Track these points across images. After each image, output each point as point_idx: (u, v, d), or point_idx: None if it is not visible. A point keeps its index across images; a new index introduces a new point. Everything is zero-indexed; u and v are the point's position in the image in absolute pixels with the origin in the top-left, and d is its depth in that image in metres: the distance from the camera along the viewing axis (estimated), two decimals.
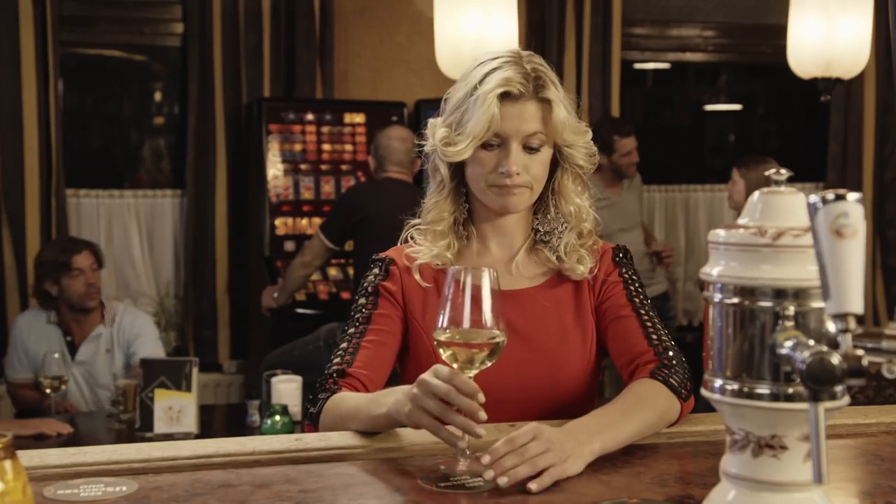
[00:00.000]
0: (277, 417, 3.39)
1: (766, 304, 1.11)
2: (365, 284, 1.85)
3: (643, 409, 1.63)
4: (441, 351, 1.47)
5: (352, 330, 1.80)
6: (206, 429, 3.62)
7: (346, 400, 1.68)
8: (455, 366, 1.47)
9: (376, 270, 1.85)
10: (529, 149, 1.77)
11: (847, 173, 5.98)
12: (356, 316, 1.82)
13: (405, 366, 1.84)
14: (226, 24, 4.99)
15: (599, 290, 1.83)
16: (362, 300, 1.83)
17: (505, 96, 1.74)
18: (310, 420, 1.72)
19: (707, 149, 6.53)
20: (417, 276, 1.82)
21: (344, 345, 1.79)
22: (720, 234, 1.18)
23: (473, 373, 1.46)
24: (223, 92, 5.03)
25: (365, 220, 4.10)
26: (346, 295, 4.77)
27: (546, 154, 1.79)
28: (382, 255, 1.87)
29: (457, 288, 1.46)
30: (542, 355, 1.78)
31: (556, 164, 1.83)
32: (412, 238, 1.86)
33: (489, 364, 1.47)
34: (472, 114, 1.74)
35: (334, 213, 4.35)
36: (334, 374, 1.74)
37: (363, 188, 4.58)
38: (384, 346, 1.79)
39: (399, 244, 1.89)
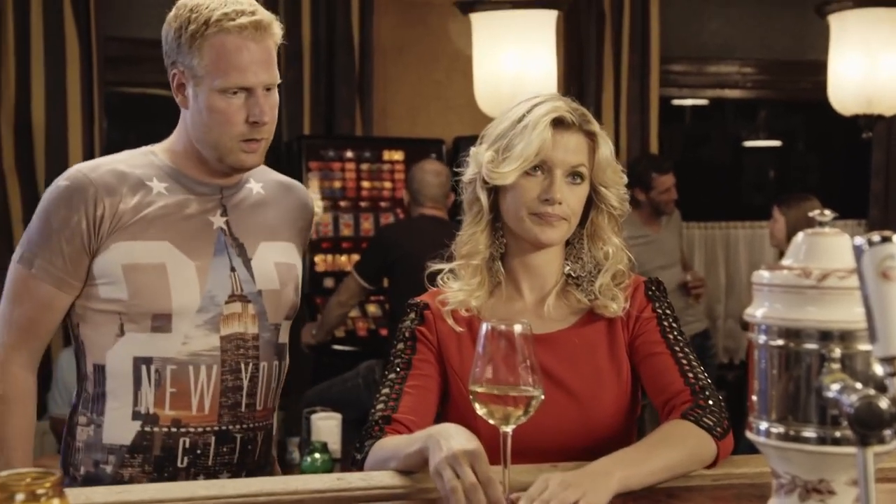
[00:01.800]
0: (317, 455, 3.40)
1: (812, 346, 1.11)
2: (402, 329, 1.84)
3: (669, 447, 1.62)
4: (476, 406, 1.48)
5: (392, 375, 1.79)
6: None
7: (388, 442, 1.68)
8: (491, 422, 1.47)
9: (412, 315, 1.84)
10: (572, 181, 1.77)
11: (889, 210, 5.92)
12: (396, 361, 1.81)
13: (446, 410, 1.83)
14: None
15: (633, 327, 1.81)
16: (400, 345, 1.83)
17: (556, 123, 1.75)
18: (355, 466, 1.72)
19: (746, 185, 6.50)
20: (451, 321, 1.81)
21: (386, 390, 1.78)
22: (764, 275, 1.17)
23: (510, 428, 1.47)
24: None
25: (399, 258, 4.10)
26: (384, 331, 4.77)
27: (584, 190, 1.80)
28: (417, 299, 1.86)
29: (490, 343, 1.47)
30: (577, 399, 1.76)
31: (589, 206, 1.83)
32: (445, 280, 1.86)
33: (525, 420, 1.48)
34: (522, 138, 1.74)
35: (369, 253, 4.36)
36: (379, 421, 1.74)
37: (397, 227, 4.60)
38: (427, 390, 1.78)
39: (431, 286, 1.87)
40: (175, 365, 1.81)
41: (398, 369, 1.79)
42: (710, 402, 1.70)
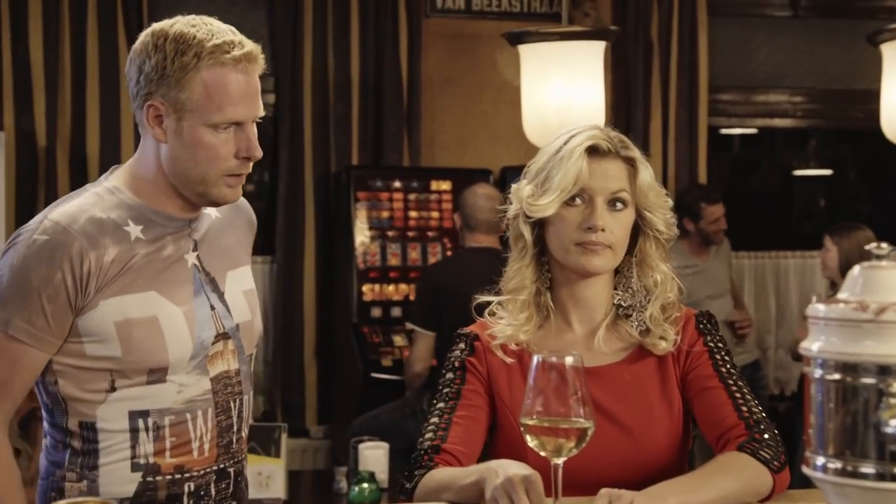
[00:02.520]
0: (365, 485, 3.40)
1: (870, 380, 1.09)
2: (452, 359, 1.84)
3: (725, 477, 1.61)
4: (528, 438, 1.48)
5: (441, 405, 1.79)
6: (294, 495, 3.64)
7: (439, 473, 1.68)
8: (543, 454, 1.47)
9: (462, 345, 1.84)
10: (614, 208, 1.77)
11: None
12: (445, 391, 1.81)
13: (494, 441, 1.83)
14: (316, 94, 5.11)
15: (684, 362, 1.79)
16: (450, 375, 1.82)
17: (592, 151, 1.76)
18: (404, 496, 1.72)
19: (796, 214, 6.44)
20: (500, 354, 1.81)
21: (435, 419, 1.78)
22: (820, 308, 1.16)
23: (561, 461, 1.47)
24: (313, 160, 5.14)
25: (447, 295, 4.07)
26: (433, 361, 4.77)
27: (629, 216, 1.79)
28: (467, 330, 1.86)
29: (542, 376, 1.47)
30: (628, 433, 1.75)
31: (636, 232, 1.82)
32: (493, 313, 1.85)
33: (576, 452, 1.47)
34: (559, 169, 1.75)
35: (418, 298, 4.32)
36: (429, 450, 1.73)
37: (441, 264, 4.61)
38: (476, 421, 1.78)
39: (479, 319, 1.87)
40: (172, 415, 1.76)
41: (447, 399, 1.79)
42: (766, 436, 1.68)
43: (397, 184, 5.12)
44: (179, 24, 1.74)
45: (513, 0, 5.43)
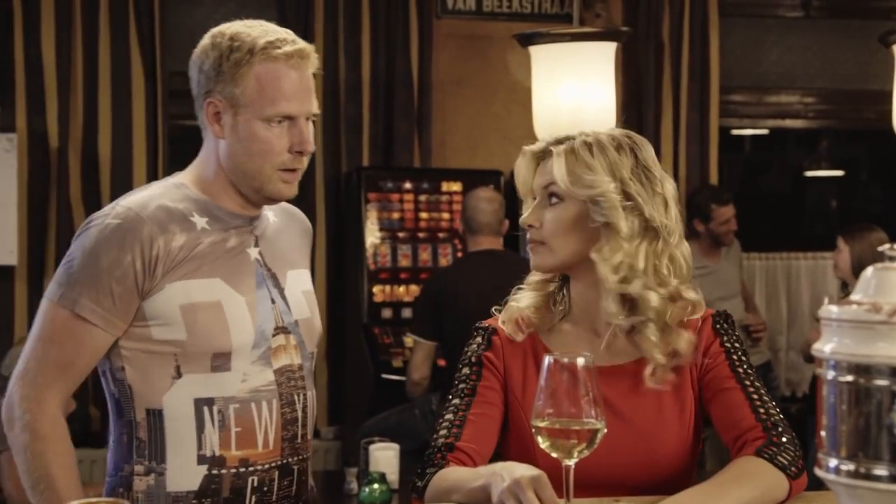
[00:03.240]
0: (375, 485, 3.40)
1: (883, 382, 1.09)
2: (468, 353, 1.82)
3: (743, 485, 1.59)
4: (539, 439, 1.47)
5: (456, 401, 1.78)
6: None
7: (450, 474, 1.67)
8: (554, 455, 1.47)
9: (479, 339, 1.83)
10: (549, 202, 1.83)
11: None
12: (460, 386, 1.79)
13: (506, 439, 1.81)
14: (327, 95, 5.11)
15: (701, 364, 1.78)
16: (466, 370, 1.81)
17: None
18: (416, 493, 1.71)
19: (808, 215, 6.42)
20: (511, 329, 1.79)
21: (449, 416, 1.76)
22: (833, 310, 1.16)
23: (572, 462, 1.46)
24: (323, 161, 5.15)
25: (449, 302, 4.07)
26: (441, 362, 4.77)
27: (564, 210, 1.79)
28: (485, 323, 1.85)
29: (553, 376, 1.46)
30: (638, 433, 1.73)
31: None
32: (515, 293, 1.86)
33: (588, 453, 1.47)
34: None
35: (418, 308, 4.33)
36: (442, 448, 1.72)
37: (438, 274, 4.61)
38: (490, 419, 1.77)
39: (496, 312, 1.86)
40: (237, 403, 1.79)
41: (462, 395, 1.78)
42: (784, 439, 1.66)
43: (408, 185, 5.12)
44: (236, 24, 1.83)
45: (524, 1, 5.42)
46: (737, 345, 1.80)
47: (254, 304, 1.82)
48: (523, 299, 1.83)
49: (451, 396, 1.80)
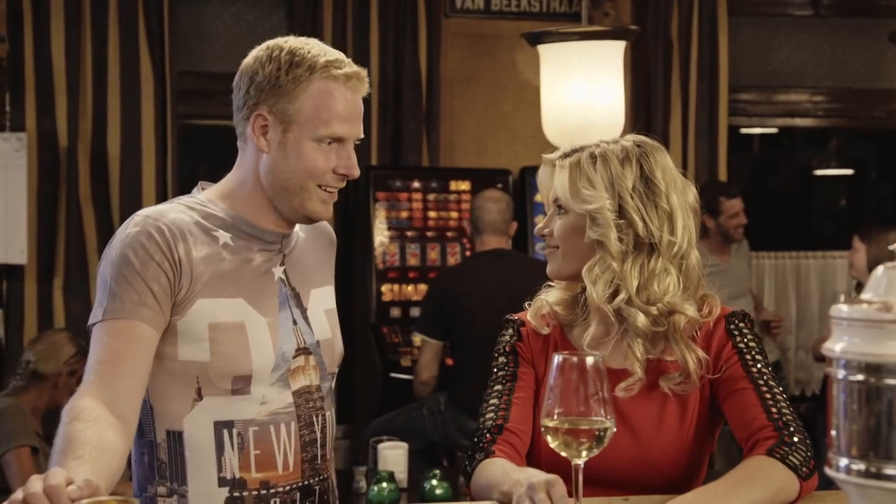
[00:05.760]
0: (384, 484, 3.40)
1: (893, 381, 1.09)
2: (502, 343, 1.88)
3: (754, 485, 1.59)
4: (549, 438, 1.48)
5: (499, 387, 1.83)
6: None
7: (494, 468, 1.70)
8: (563, 454, 1.48)
9: (510, 331, 1.89)
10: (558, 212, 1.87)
11: None
12: (500, 374, 1.85)
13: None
14: None
15: (714, 367, 1.77)
16: (502, 359, 1.86)
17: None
18: (465, 477, 1.77)
19: (817, 214, 6.41)
20: (536, 322, 1.85)
21: (494, 401, 1.81)
22: (843, 309, 1.16)
23: (581, 461, 1.47)
24: None
25: (455, 303, 4.08)
26: (449, 361, 4.77)
27: (568, 219, 1.86)
28: (515, 316, 1.90)
29: (562, 375, 1.47)
30: (634, 434, 1.75)
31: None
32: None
33: (597, 452, 1.47)
34: None
35: (424, 308, 4.34)
36: (492, 430, 1.77)
37: (444, 274, 4.61)
38: (531, 403, 1.82)
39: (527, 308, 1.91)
40: (257, 426, 1.77)
41: (504, 381, 1.83)
42: (796, 439, 1.66)
43: (416, 184, 5.12)
44: (293, 40, 1.80)
45: (532, 0, 5.42)
46: (751, 344, 1.79)
47: (276, 325, 1.80)
48: (552, 294, 1.88)
49: (491, 383, 1.84)
